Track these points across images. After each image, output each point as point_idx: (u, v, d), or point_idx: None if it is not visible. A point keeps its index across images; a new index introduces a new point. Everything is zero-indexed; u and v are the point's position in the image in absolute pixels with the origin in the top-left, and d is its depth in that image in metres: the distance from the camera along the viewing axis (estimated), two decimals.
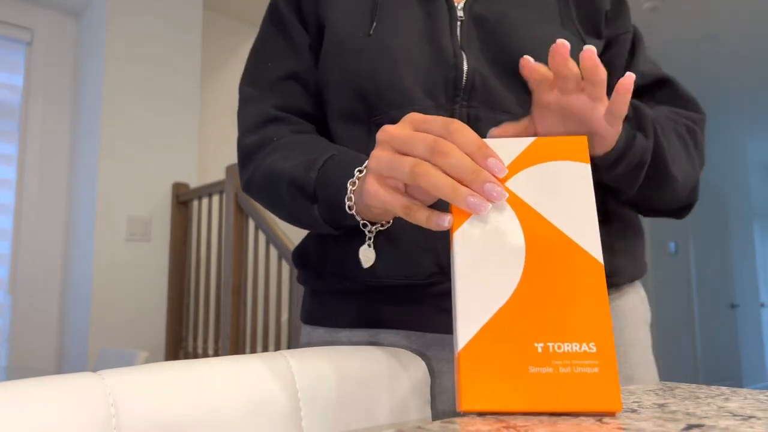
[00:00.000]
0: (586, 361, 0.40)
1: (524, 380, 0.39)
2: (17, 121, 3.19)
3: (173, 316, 3.10)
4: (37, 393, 0.38)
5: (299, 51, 0.73)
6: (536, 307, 0.41)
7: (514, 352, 0.40)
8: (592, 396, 0.39)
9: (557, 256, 0.42)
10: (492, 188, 0.43)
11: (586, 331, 0.40)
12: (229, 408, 0.45)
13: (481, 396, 0.39)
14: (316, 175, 0.60)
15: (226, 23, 3.86)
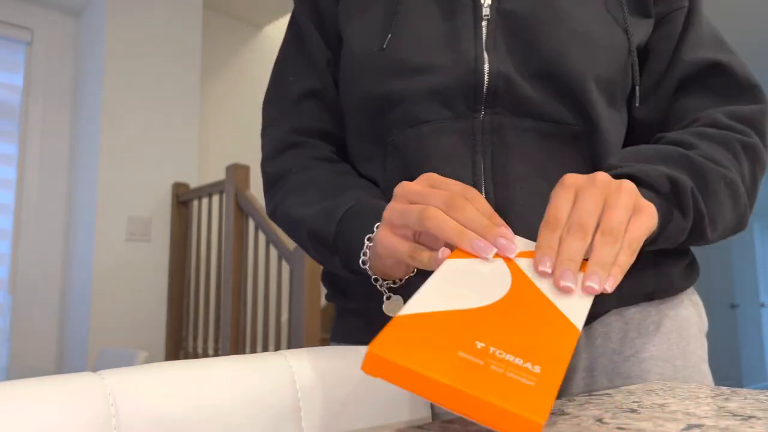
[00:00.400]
0: (523, 373, 0.34)
1: (449, 357, 0.35)
2: (17, 121, 3.19)
3: (173, 316, 3.10)
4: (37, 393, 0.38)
5: (318, 67, 0.71)
6: (493, 323, 0.39)
7: (449, 337, 0.36)
8: (516, 397, 0.33)
9: (535, 310, 0.41)
10: (505, 242, 0.44)
11: (536, 356, 0.36)
12: (229, 408, 0.45)
13: (396, 348, 0.35)
14: (335, 229, 0.59)
15: (226, 23, 3.86)
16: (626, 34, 0.63)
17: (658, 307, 0.65)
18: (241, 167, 2.85)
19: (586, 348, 0.63)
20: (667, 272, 0.64)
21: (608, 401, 0.46)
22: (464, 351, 0.35)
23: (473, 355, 0.35)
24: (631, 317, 0.63)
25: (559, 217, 0.46)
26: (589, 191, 0.46)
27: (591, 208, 0.45)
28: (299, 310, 2.42)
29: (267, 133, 0.74)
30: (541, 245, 0.45)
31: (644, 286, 0.63)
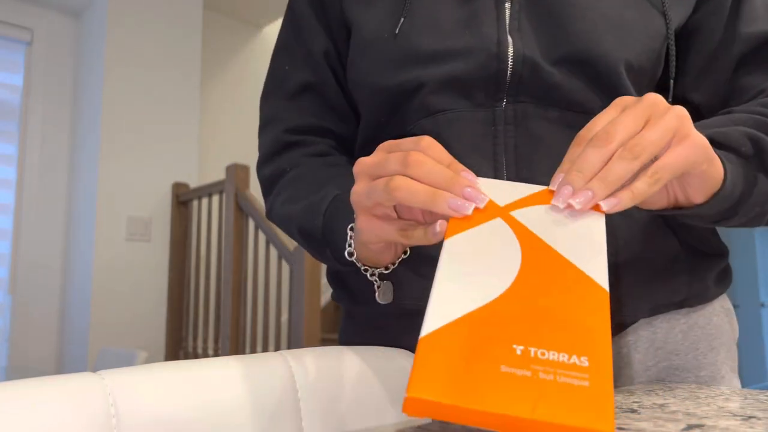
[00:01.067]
0: (574, 372, 0.32)
1: (492, 378, 0.32)
2: (17, 121, 3.18)
3: (173, 316, 3.10)
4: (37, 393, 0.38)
5: (314, 59, 0.67)
6: (522, 314, 0.35)
7: (485, 349, 0.33)
8: (576, 410, 0.31)
9: (556, 277, 0.37)
10: (473, 193, 0.40)
11: (578, 345, 0.34)
12: (229, 408, 0.45)
13: (435, 385, 0.31)
14: (322, 221, 0.57)
15: (226, 23, 3.86)
16: (664, 18, 0.58)
17: (687, 315, 0.61)
18: (241, 167, 2.84)
19: (614, 359, 0.60)
20: (702, 278, 0.60)
21: None
22: (506, 364, 0.33)
23: (517, 367, 0.32)
24: (659, 326, 0.60)
25: (591, 130, 0.41)
26: (632, 108, 0.40)
27: (627, 122, 0.39)
28: (299, 310, 2.42)
29: (264, 133, 0.71)
30: (564, 160, 0.40)
31: (677, 293, 0.59)
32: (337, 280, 0.69)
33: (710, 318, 0.62)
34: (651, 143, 0.39)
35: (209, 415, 0.44)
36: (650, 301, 0.59)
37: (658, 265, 0.59)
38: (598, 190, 0.38)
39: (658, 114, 0.40)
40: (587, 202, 0.39)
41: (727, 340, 0.64)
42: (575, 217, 0.40)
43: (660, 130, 0.39)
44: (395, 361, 0.58)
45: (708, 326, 0.62)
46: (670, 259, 0.59)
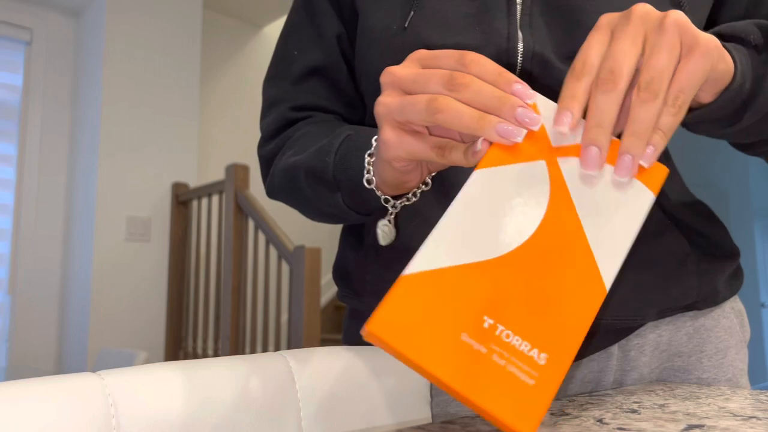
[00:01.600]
0: (526, 366, 0.32)
1: (449, 341, 0.32)
2: (17, 121, 3.18)
3: (173, 316, 3.10)
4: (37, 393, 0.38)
5: (326, 41, 0.65)
6: (509, 286, 0.34)
7: (456, 310, 0.33)
8: (509, 404, 0.31)
9: (565, 255, 0.35)
10: (525, 113, 0.35)
11: (546, 339, 0.33)
12: (228, 408, 0.45)
13: (394, 327, 0.32)
14: (333, 159, 0.53)
15: (226, 23, 3.86)
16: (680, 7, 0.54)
17: (694, 318, 0.61)
18: (240, 167, 2.84)
19: (619, 361, 0.60)
20: (712, 281, 0.59)
21: (609, 402, 0.46)
22: (468, 333, 0.32)
23: (477, 339, 0.32)
24: (665, 328, 0.60)
25: (588, 60, 0.37)
26: (624, 29, 0.37)
27: (626, 48, 0.36)
28: (299, 310, 2.42)
29: (266, 116, 0.68)
30: (563, 96, 0.36)
31: (686, 297, 0.59)
32: (342, 277, 0.68)
33: (718, 320, 0.62)
34: (663, 71, 0.36)
35: (209, 415, 0.44)
36: (659, 305, 0.58)
37: (668, 268, 0.58)
38: (635, 149, 0.35)
39: (654, 27, 0.37)
40: (629, 170, 0.35)
41: (736, 343, 0.63)
42: (625, 188, 0.37)
43: (666, 49, 0.36)
44: (396, 361, 0.58)
45: (716, 328, 0.61)
46: (679, 262, 0.59)
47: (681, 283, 0.58)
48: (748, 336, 0.65)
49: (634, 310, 0.57)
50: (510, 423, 0.31)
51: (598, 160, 0.35)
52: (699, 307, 0.60)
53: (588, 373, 0.59)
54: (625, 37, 0.36)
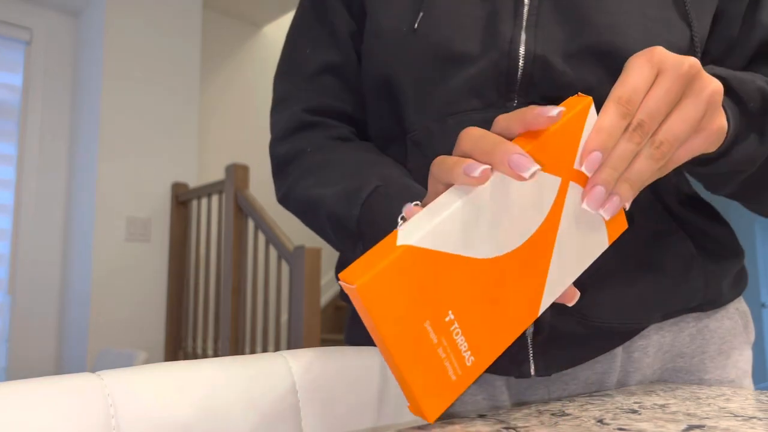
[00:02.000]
0: (456, 364, 0.36)
1: (414, 324, 0.34)
2: (16, 121, 3.18)
3: (173, 317, 3.10)
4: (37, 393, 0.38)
5: (339, 39, 0.64)
6: (480, 289, 0.36)
7: (433, 296, 0.35)
8: (429, 390, 0.35)
9: (529, 275, 0.38)
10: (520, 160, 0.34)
11: (479, 345, 0.37)
12: (228, 408, 0.45)
13: (377, 295, 0.33)
14: (358, 212, 0.53)
15: (226, 23, 3.86)
16: (690, 29, 0.56)
17: (698, 319, 0.61)
18: (240, 167, 2.84)
19: (623, 362, 0.59)
20: (718, 283, 0.59)
21: (609, 402, 0.46)
22: (431, 322, 0.35)
23: (435, 329, 0.35)
24: (669, 329, 0.60)
25: (633, 99, 0.37)
26: (668, 78, 0.38)
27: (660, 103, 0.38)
28: (299, 311, 2.42)
29: (278, 111, 0.67)
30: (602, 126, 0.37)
31: (692, 299, 0.59)
32: None
33: (722, 321, 0.62)
34: (677, 140, 0.38)
35: (209, 415, 0.44)
36: (664, 309, 0.58)
37: (674, 272, 0.58)
38: (625, 193, 0.37)
39: (693, 91, 0.39)
40: (615, 210, 0.38)
41: (740, 343, 0.62)
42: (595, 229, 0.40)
43: (689, 121, 0.38)
44: None
45: (719, 330, 0.61)
46: (686, 265, 0.58)
47: (687, 286, 0.58)
48: (752, 337, 0.64)
49: (639, 314, 0.57)
50: (423, 405, 0.35)
51: (600, 200, 0.37)
52: (703, 309, 0.60)
53: (592, 374, 0.59)
54: (667, 87, 0.38)
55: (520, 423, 0.39)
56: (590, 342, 0.57)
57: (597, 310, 0.56)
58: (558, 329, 0.56)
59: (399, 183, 0.53)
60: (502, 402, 0.61)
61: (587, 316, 0.56)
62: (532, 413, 0.42)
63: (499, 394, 0.60)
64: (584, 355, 0.58)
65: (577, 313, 0.55)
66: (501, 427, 0.38)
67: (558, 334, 0.56)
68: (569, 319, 0.55)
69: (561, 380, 0.59)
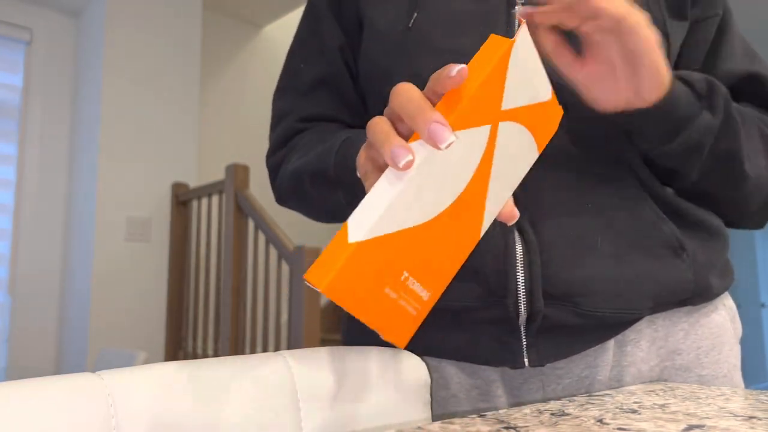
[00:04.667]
0: (415, 303, 0.42)
1: (375, 293, 0.39)
2: (16, 121, 3.18)
3: (173, 317, 3.10)
4: (37, 393, 0.38)
5: (329, 52, 0.69)
6: (427, 246, 0.41)
7: (389, 268, 0.39)
8: (394, 328, 0.41)
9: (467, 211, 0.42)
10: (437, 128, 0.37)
11: (433, 281, 0.42)
12: (228, 408, 0.45)
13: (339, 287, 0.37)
14: (334, 159, 0.57)
15: (226, 23, 3.86)
16: (664, 28, 0.60)
17: (689, 314, 0.62)
18: (240, 167, 2.84)
19: (616, 356, 0.60)
20: (705, 275, 0.61)
21: (609, 402, 0.46)
22: (390, 287, 0.40)
23: (393, 289, 0.40)
24: (661, 324, 0.61)
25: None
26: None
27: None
28: (299, 310, 2.42)
29: (275, 128, 0.72)
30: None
31: (682, 291, 0.59)
32: None
33: (711, 316, 0.63)
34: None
35: (209, 415, 0.44)
36: (654, 297, 0.58)
37: (662, 259, 0.58)
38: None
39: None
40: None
41: (730, 339, 0.64)
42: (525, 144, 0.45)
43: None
44: (396, 362, 0.58)
45: (710, 324, 0.62)
46: (674, 252, 0.59)
47: (677, 276, 0.58)
48: (739, 333, 0.66)
49: (631, 302, 0.57)
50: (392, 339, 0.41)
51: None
52: (694, 302, 0.61)
53: (585, 368, 0.59)
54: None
55: (520, 423, 0.39)
56: (583, 333, 0.58)
57: (589, 299, 0.56)
58: (550, 318, 0.56)
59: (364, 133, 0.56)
60: (497, 396, 0.61)
61: (579, 305, 0.56)
62: (532, 413, 0.42)
63: (494, 389, 0.61)
64: (577, 346, 0.59)
65: (569, 302, 0.56)
66: (501, 426, 0.38)
67: (550, 324, 0.57)
68: (562, 309, 0.56)
69: (555, 374, 0.60)
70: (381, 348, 0.59)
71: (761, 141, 0.58)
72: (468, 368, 0.62)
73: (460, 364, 0.62)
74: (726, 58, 0.63)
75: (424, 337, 0.62)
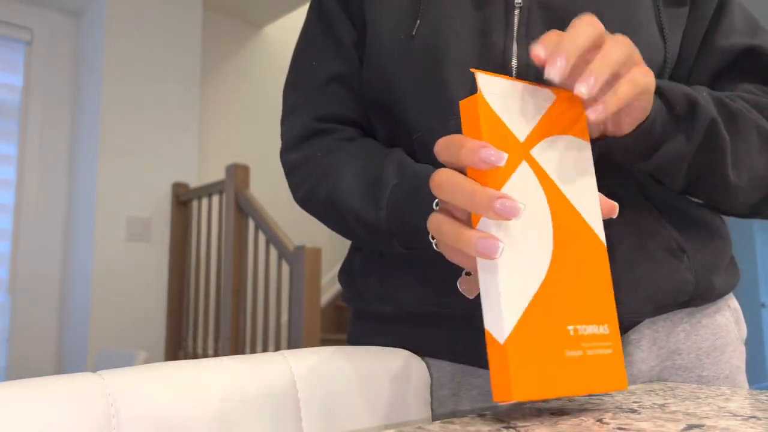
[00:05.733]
0: (602, 342, 0.41)
1: (562, 365, 0.39)
2: (17, 121, 3.18)
3: (173, 317, 3.10)
4: (37, 393, 0.38)
5: (345, 50, 0.67)
6: (565, 288, 0.40)
7: (553, 337, 0.39)
8: (605, 377, 0.40)
9: (573, 234, 0.41)
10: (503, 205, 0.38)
11: (599, 313, 0.41)
12: (228, 408, 0.45)
13: (528, 383, 0.37)
14: (386, 215, 0.56)
15: (226, 23, 3.86)
16: (664, 45, 0.59)
17: (691, 314, 0.61)
18: (241, 167, 2.85)
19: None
20: (707, 276, 0.60)
21: (608, 401, 0.46)
22: (568, 348, 0.39)
23: (573, 349, 0.39)
24: (662, 324, 0.60)
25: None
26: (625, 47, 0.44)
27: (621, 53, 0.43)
28: (299, 311, 2.42)
29: (288, 121, 0.70)
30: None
31: (683, 293, 0.59)
32: (348, 280, 0.69)
33: (714, 317, 0.62)
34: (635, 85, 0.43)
35: (209, 415, 0.44)
36: (655, 301, 0.58)
37: (663, 263, 0.58)
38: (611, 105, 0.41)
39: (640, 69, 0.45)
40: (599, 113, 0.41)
41: (733, 340, 0.63)
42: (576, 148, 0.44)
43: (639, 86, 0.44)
44: (396, 362, 0.58)
45: (712, 325, 0.62)
46: (675, 256, 0.59)
47: (677, 278, 0.58)
48: (744, 334, 0.65)
49: (630, 308, 0.57)
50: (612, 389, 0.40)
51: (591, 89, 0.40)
52: (696, 303, 0.61)
53: None
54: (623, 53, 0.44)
55: (520, 422, 0.39)
56: None
57: None
58: None
59: (410, 175, 0.56)
60: None
61: None
62: (531, 412, 0.42)
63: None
64: None
65: None
66: (501, 426, 0.38)
67: None
68: None
69: None
70: (381, 348, 0.59)
71: (759, 138, 0.57)
72: (468, 368, 0.62)
73: (461, 365, 0.62)
74: (726, 34, 0.62)
75: (425, 341, 0.62)
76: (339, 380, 0.52)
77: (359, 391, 0.53)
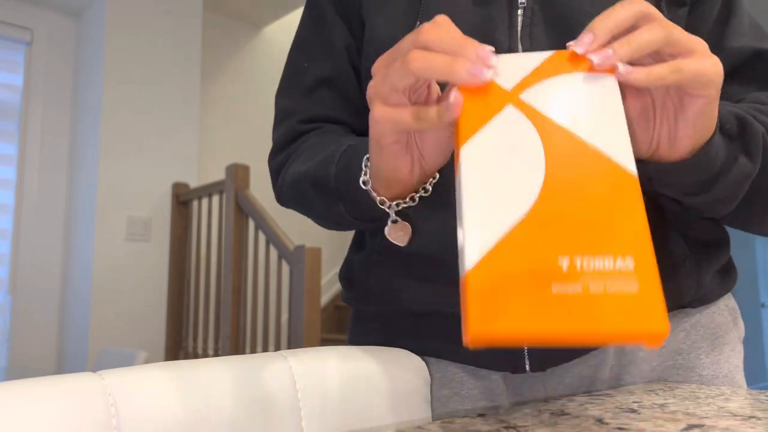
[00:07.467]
0: (622, 279, 0.32)
1: (546, 302, 0.32)
2: (17, 121, 3.18)
3: (173, 317, 3.10)
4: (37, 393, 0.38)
5: (335, 52, 0.67)
6: (560, 219, 0.34)
7: (532, 270, 0.32)
8: (624, 319, 0.31)
9: (583, 169, 0.36)
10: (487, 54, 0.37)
11: (620, 244, 0.33)
12: (229, 408, 0.45)
13: (493, 320, 0.31)
14: (335, 168, 0.56)
15: (226, 23, 3.86)
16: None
17: (690, 315, 0.62)
18: (241, 167, 2.84)
19: (616, 355, 0.60)
20: (705, 280, 0.60)
21: (608, 401, 0.46)
22: (557, 281, 0.32)
23: (566, 282, 0.32)
24: None
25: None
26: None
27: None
28: (299, 310, 2.42)
29: (278, 128, 0.71)
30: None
31: (682, 297, 0.59)
32: (349, 280, 0.69)
33: (713, 317, 0.63)
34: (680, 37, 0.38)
35: (209, 415, 0.44)
36: None
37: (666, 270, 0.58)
38: (620, 50, 0.37)
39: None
40: (605, 59, 0.37)
41: (732, 339, 0.64)
42: (588, 84, 0.38)
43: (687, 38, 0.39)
44: (396, 361, 0.58)
45: (711, 325, 0.62)
46: (677, 262, 0.59)
47: (679, 284, 0.58)
48: (742, 333, 0.66)
49: None
50: (640, 333, 0.31)
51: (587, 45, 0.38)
52: (694, 305, 0.61)
53: (585, 367, 0.60)
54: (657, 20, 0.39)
55: (520, 422, 0.39)
56: None
57: None
58: None
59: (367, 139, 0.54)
60: (499, 396, 0.61)
61: None
62: (531, 412, 0.42)
63: (495, 387, 0.61)
64: (577, 351, 0.59)
65: None
66: (501, 426, 0.38)
67: None
68: None
69: (556, 374, 0.60)
70: (382, 348, 0.59)
71: None
72: (469, 368, 0.62)
73: (461, 365, 0.62)
74: (733, 36, 0.60)
75: (425, 341, 0.62)
76: (339, 380, 0.52)
77: (359, 391, 0.53)
